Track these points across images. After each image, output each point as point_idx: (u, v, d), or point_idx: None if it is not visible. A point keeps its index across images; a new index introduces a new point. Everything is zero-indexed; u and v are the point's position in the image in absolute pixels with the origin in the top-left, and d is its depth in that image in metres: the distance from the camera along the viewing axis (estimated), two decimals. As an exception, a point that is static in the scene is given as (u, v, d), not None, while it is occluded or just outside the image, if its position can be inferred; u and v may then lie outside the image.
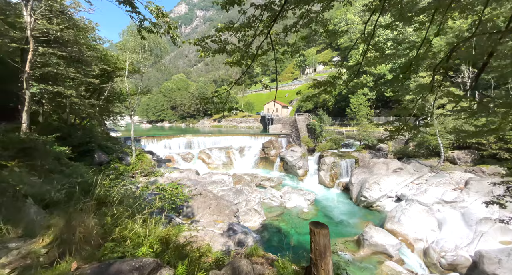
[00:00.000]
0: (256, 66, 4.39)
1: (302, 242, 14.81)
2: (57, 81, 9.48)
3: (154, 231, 3.34)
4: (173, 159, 27.05)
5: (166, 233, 3.20)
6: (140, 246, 2.80)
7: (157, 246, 2.97)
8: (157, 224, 3.90)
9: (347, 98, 41.74)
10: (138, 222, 3.58)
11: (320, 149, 30.88)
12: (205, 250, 4.16)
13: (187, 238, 4.40)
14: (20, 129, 8.15)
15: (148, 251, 2.64)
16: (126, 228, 3.11)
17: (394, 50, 4.75)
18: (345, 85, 5.20)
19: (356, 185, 20.88)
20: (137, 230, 3.18)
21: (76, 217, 2.32)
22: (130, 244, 2.71)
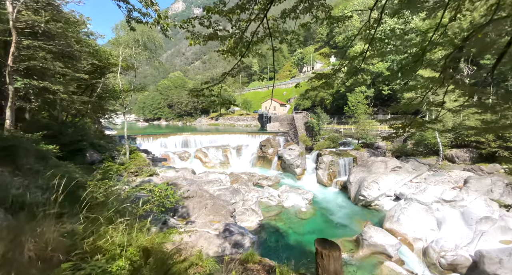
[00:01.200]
0: (252, 57, 4.02)
1: (300, 242, 14.55)
2: (44, 76, 9.01)
3: (136, 239, 2.97)
4: (169, 157, 26.57)
5: (149, 241, 2.84)
6: (116, 259, 2.44)
7: (137, 258, 2.61)
8: (141, 230, 3.52)
9: (345, 96, 41.53)
10: (119, 229, 3.21)
11: (318, 148, 30.67)
12: (195, 258, 3.80)
13: (176, 245, 4.04)
14: (3, 126, 7.70)
15: (125, 265, 2.28)
16: (104, 237, 2.75)
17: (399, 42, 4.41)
18: (349, 76, 4.82)
19: (354, 184, 20.66)
20: (116, 239, 2.81)
21: (26, 229, 1.92)
22: (104, 257, 2.34)
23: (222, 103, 4.46)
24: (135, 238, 2.97)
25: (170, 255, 3.47)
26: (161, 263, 2.83)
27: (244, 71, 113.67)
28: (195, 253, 3.96)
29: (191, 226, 12.49)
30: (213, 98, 4.08)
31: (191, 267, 3.41)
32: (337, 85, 33.73)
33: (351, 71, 5.10)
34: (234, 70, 3.83)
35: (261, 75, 13.85)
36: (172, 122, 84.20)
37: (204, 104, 75.87)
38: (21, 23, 7.94)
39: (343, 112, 38.29)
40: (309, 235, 15.32)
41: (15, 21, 7.68)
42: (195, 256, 3.83)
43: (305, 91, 6.79)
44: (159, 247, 3.28)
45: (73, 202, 5.15)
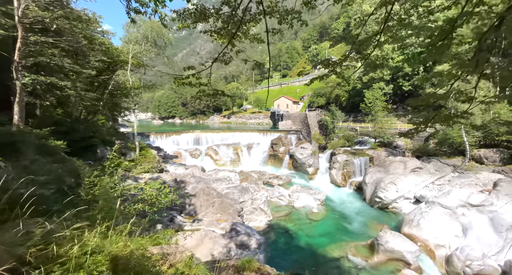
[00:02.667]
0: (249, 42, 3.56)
1: (311, 244, 13.94)
2: (52, 72, 9.14)
3: (111, 244, 2.63)
4: (181, 155, 26.78)
5: (123, 247, 2.48)
6: (78, 269, 2.11)
7: (104, 268, 2.27)
8: (122, 232, 3.19)
9: (361, 93, 39.80)
10: (96, 232, 2.89)
11: (332, 146, 29.56)
12: (183, 266, 3.41)
13: (163, 250, 3.68)
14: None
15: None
16: (72, 242, 2.44)
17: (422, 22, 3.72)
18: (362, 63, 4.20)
19: (370, 184, 19.57)
20: (88, 244, 2.49)
21: None
22: (61, 268, 2.01)
23: (214, 94, 4.04)
24: (109, 243, 2.64)
25: (151, 263, 3.11)
26: (135, 274, 2.48)
27: (258, 68, 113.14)
28: (183, 259, 3.58)
29: (197, 224, 12.31)
30: (202, 87, 3.68)
31: (174, 276, 3.04)
32: (353, 81, 32.74)
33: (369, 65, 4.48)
34: (225, 55, 3.39)
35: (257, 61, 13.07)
36: (186, 120, 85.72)
37: (217, 102, 76.45)
38: (28, 19, 8.06)
39: (360, 109, 36.75)
40: (321, 238, 14.65)
41: (21, 16, 7.79)
42: (183, 263, 3.45)
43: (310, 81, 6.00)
44: (140, 253, 2.92)
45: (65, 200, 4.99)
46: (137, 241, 3.34)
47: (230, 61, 3.82)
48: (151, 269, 3.05)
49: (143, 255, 3.15)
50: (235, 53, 3.95)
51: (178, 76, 3.50)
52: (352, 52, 4.12)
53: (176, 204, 5.45)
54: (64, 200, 4.95)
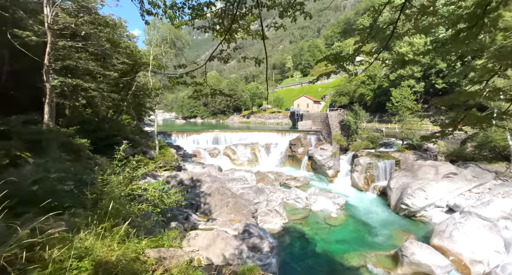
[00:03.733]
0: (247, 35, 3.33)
1: (328, 251, 13.29)
2: (78, 74, 9.81)
3: (101, 248, 2.57)
4: (200, 154, 27.38)
5: (106, 254, 2.40)
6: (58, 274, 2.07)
7: (86, 273, 2.20)
8: (117, 233, 3.15)
9: (388, 92, 37.36)
10: (89, 233, 2.87)
11: (354, 148, 28.09)
12: (178, 272, 3.29)
13: (162, 253, 3.60)
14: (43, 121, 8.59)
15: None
16: (63, 243, 2.42)
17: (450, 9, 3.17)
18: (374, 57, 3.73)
19: (395, 190, 18.19)
20: (77, 247, 2.46)
21: None
22: (41, 272, 1.96)
23: (213, 94, 3.88)
24: (100, 246, 2.59)
25: (144, 267, 3.03)
26: None
27: (278, 68, 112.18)
28: (180, 264, 3.46)
29: (211, 224, 12.37)
30: (199, 87, 3.53)
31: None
32: (379, 80, 30.72)
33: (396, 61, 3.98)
34: (223, 53, 3.21)
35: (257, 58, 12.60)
36: (207, 120, 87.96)
37: (236, 102, 77.16)
38: (57, 25, 8.71)
39: (386, 109, 34.52)
40: (339, 244, 13.92)
41: (50, 23, 8.44)
42: (178, 268, 3.32)
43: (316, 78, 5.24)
44: (131, 257, 2.85)
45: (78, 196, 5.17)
46: (132, 243, 3.28)
47: (228, 59, 3.64)
48: (142, 274, 2.96)
49: (136, 259, 3.07)
50: (251, 52, 3.75)
51: (172, 75, 3.39)
52: (361, 46, 3.67)
53: (181, 204, 5.40)
54: (78, 196, 5.15)
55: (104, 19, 12.90)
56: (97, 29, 10.36)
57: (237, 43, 3.81)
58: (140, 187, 4.52)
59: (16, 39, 8.16)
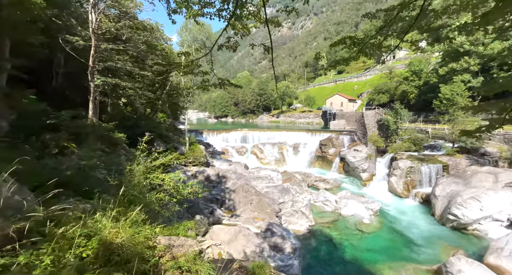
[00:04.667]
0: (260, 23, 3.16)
1: (357, 259, 12.33)
2: (119, 75, 10.85)
3: (108, 229, 2.67)
4: (228, 151, 28.02)
5: (112, 236, 2.47)
6: (66, 250, 2.18)
7: (90, 252, 2.29)
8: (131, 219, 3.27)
9: (436, 88, 33.31)
10: (106, 217, 3.02)
11: (394, 150, 25.70)
12: (185, 260, 3.27)
13: (172, 241, 3.64)
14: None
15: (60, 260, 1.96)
16: (77, 222, 2.58)
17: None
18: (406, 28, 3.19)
19: (442, 198, 16.05)
20: (89, 227, 2.60)
21: None
22: (58, 245, 2.09)
23: (220, 84, 3.79)
24: (107, 228, 2.69)
25: (151, 252, 3.08)
26: (125, 261, 2.44)
27: (310, 66, 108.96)
28: (188, 253, 3.45)
29: (235, 220, 12.49)
30: (207, 76, 3.47)
31: (169, 271, 2.91)
32: (425, 75, 27.55)
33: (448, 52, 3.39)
34: (230, 41, 3.10)
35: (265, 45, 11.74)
36: (237, 119, 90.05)
37: (266, 101, 77.16)
38: (101, 30, 9.75)
39: (433, 108, 30.80)
40: (370, 253, 12.81)
41: (95, 28, 9.49)
42: (185, 257, 3.31)
43: (330, 46, 3.74)
44: (138, 241, 2.92)
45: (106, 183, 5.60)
46: (144, 229, 3.38)
47: (236, 47, 3.52)
48: (149, 258, 3.01)
49: (145, 243, 3.15)
50: (283, 51, 3.62)
51: (176, 63, 3.41)
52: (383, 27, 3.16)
53: (198, 196, 5.48)
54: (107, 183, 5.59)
55: (142, 24, 14.00)
56: (136, 32, 11.32)
57: (250, 33, 3.66)
58: (157, 177, 4.69)
59: (67, 44, 9.39)
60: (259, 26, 3.59)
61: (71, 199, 3.76)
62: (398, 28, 3.19)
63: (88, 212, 3.29)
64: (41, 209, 2.43)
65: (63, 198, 4.06)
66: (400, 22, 3.09)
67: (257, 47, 3.91)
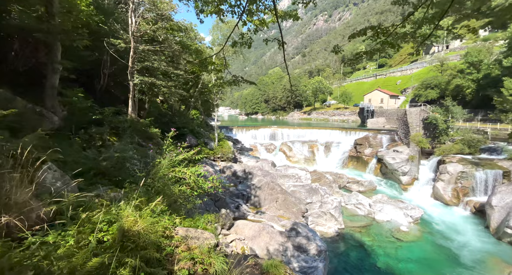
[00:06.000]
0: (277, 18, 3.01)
1: (392, 268, 11.38)
2: (156, 74, 11.69)
3: (124, 218, 2.86)
4: (257, 148, 28.14)
5: (130, 224, 2.64)
6: (89, 233, 2.39)
7: (110, 237, 2.48)
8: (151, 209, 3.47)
9: (499, 82, 28.50)
10: (129, 206, 3.26)
11: (442, 152, 22.91)
12: (200, 252, 3.37)
13: (189, 232, 3.78)
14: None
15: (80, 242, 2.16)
16: (101, 209, 2.83)
17: None
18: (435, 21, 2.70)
19: (499, 209, 13.78)
20: (111, 213, 2.83)
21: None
22: (84, 228, 2.32)
23: (234, 81, 3.73)
24: (125, 216, 2.89)
25: (168, 242, 3.23)
26: (141, 248, 2.59)
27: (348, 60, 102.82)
28: (203, 246, 3.54)
29: (260, 216, 12.53)
30: (220, 74, 3.44)
31: (182, 261, 3.02)
32: (486, 67, 24.15)
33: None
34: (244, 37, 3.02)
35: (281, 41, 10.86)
36: (267, 116, 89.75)
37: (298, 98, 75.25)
38: (139, 32, 10.59)
39: (493, 104, 26.45)
40: (407, 264, 11.70)
41: (134, 31, 10.34)
42: (199, 249, 3.40)
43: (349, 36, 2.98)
44: (155, 229, 3.08)
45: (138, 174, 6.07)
46: (164, 219, 3.56)
47: (250, 43, 3.44)
48: (164, 247, 3.17)
49: (161, 233, 3.31)
50: (318, 45, 3.50)
51: (191, 61, 3.45)
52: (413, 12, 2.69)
53: (218, 190, 5.59)
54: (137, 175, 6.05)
55: (177, 25, 14.77)
56: (171, 34, 12.02)
57: (268, 28, 3.55)
58: (180, 171, 4.90)
59: (111, 47, 10.43)
60: (275, 20, 3.44)
61: (103, 187, 4.19)
62: (433, 13, 2.73)
63: (116, 200, 3.60)
64: (72, 195, 2.72)
65: (99, 186, 4.53)
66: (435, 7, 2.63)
67: (291, 43, 3.77)
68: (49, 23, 6.27)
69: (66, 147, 5.56)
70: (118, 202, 3.45)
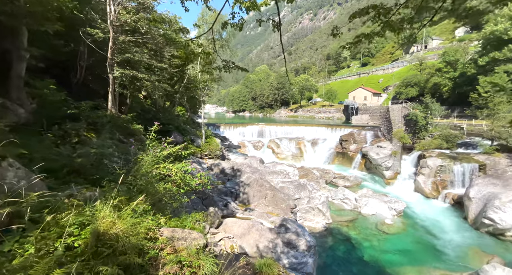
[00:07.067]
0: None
1: (378, 260, 11.66)
2: (137, 67, 11.03)
3: (100, 220, 2.52)
4: (244, 145, 27.91)
5: (106, 226, 2.31)
6: (56, 238, 2.05)
7: (81, 242, 2.15)
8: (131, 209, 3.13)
9: (474, 81, 30.21)
10: (107, 206, 2.90)
11: (422, 147, 23.93)
12: (188, 254, 3.09)
13: (175, 233, 3.48)
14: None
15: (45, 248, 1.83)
16: (75, 210, 2.47)
17: None
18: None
19: (476, 200, 14.57)
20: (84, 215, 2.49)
21: None
22: (41, 234, 1.97)
23: (226, 67, 3.47)
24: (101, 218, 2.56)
25: (151, 245, 2.93)
26: (120, 253, 2.29)
27: (332, 58, 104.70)
28: (191, 247, 3.27)
29: (249, 214, 12.34)
30: (212, 56, 3.18)
31: (168, 265, 2.74)
32: (462, 66, 25.34)
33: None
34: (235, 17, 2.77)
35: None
36: (254, 114, 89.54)
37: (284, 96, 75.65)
38: (120, 22, 9.90)
39: (469, 101, 27.99)
40: (392, 255, 12.05)
41: (113, 20, 9.65)
42: (187, 251, 3.13)
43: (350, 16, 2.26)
44: (136, 231, 2.77)
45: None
46: (146, 219, 3.24)
47: (242, 24, 3.20)
48: (147, 250, 2.86)
49: (143, 235, 3.00)
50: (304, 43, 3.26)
51: (177, 41, 3.16)
52: None
53: (207, 188, 5.31)
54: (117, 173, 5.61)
55: (161, 17, 14.06)
56: (155, 26, 11.38)
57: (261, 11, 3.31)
58: (165, 167, 4.56)
59: (88, 37, 9.68)
60: (269, 2, 3.21)
61: (77, 186, 3.77)
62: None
63: (91, 200, 3.22)
64: (32, 195, 2.34)
65: (72, 185, 4.08)
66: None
67: (277, 41, 3.57)
68: (13, 4, 5.58)
69: (35, 143, 4.99)
70: (94, 202, 3.08)
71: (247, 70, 5.62)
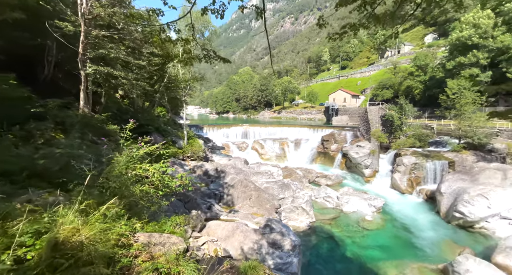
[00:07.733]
0: None
1: (360, 256, 11.95)
2: (113, 64, 10.38)
3: (59, 226, 2.23)
4: (229, 147, 27.59)
5: (67, 234, 2.03)
6: (2, 249, 1.75)
7: (34, 254, 1.86)
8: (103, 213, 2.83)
9: (442, 83, 32.52)
10: (71, 211, 2.59)
11: (397, 146, 25.20)
12: (166, 261, 2.85)
13: (153, 238, 3.21)
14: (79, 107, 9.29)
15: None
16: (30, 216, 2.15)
17: None
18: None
19: (447, 195, 15.55)
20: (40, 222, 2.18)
21: None
22: None
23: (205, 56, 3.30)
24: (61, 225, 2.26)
25: (123, 252, 2.66)
26: (85, 263, 2.01)
27: (313, 62, 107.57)
28: (169, 252, 3.03)
29: (233, 215, 12.09)
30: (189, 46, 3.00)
31: (143, 273, 2.49)
32: (431, 70, 26.92)
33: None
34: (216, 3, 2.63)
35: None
36: (238, 115, 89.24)
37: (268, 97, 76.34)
38: (92, 15, 9.27)
39: (438, 103, 30.04)
40: (373, 250, 12.43)
41: (84, 13, 9.00)
42: (165, 257, 2.89)
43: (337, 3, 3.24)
44: (107, 238, 2.49)
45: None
46: (118, 224, 2.95)
47: (224, 11, 3.07)
48: (119, 259, 2.58)
49: (115, 241, 2.71)
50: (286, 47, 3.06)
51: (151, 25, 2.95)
52: None
53: (188, 189, 5.06)
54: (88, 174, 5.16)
55: (139, 13, 13.43)
56: (132, 21, 10.80)
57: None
58: (141, 167, 4.25)
59: (56, 30, 8.94)
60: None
61: (39, 191, 3.36)
62: None
63: (53, 206, 2.86)
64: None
65: (33, 190, 3.64)
66: None
67: (259, 43, 3.48)
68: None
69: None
70: (52, 206, 2.73)
71: (230, 61, 5.46)
